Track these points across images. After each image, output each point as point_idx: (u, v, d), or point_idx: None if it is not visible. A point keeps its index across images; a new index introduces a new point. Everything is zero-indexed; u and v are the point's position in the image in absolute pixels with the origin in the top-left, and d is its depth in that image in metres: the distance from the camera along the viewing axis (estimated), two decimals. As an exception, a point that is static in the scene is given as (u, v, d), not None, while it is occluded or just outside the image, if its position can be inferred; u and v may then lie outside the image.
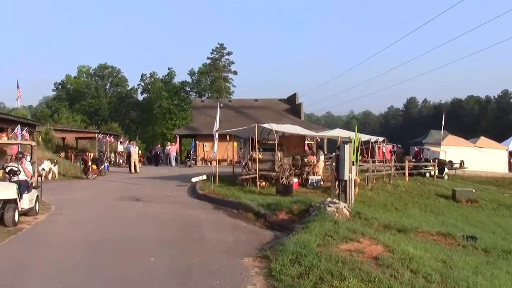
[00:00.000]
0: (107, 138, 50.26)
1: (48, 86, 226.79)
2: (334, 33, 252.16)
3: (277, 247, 10.10)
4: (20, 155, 16.07)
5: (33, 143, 19.89)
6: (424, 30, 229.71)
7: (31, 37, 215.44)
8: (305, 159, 25.60)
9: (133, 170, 36.55)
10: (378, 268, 8.50)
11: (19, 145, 23.35)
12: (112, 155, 50.23)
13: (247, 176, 23.67)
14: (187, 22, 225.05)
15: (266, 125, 24.62)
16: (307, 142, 34.61)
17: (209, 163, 44.01)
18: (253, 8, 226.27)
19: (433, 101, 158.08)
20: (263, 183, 23.29)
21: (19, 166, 15.15)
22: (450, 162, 41.30)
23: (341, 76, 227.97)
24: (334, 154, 22.65)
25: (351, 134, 24.56)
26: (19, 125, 25.53)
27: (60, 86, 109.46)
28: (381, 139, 34.84)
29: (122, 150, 51.25)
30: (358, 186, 22.05)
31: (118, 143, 53.42)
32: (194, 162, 46.47)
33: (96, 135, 47.66)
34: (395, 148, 40.50)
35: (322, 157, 26.80)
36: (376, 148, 34.79)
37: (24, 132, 25.92)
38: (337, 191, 17.97)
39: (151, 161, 52.11)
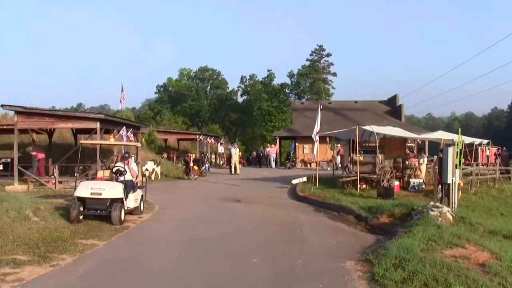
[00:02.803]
0: (208, 139, 51.03)
1: (150, 89, 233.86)
2: (435, 33, 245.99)
3: (379, 251, 10.04)
4: (127, 155, 16.59)
5: (139, 145, 20.61)
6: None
7: (134, 43, 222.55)
8: (407, 162, 25.15)
9: (233, 171, 37.04)
10: (485, 276, 8.30)
11: (125, 146, 24.15)
12: (213, 156, 51.01)
13: (348, 179, 23.54)
14: (287, 24, 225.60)
15: (367, 127, 24.39)
16: (408, 144, 34.01)
17: (308, 165, 44.05)
18: (352, 8, 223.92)
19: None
20: (364, 186, 23.07)
21: (125, 166, 15.70)
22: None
23: (443, 76, 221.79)
24: (436, 156, 22.15)
25: (454, 137, 23.91)
26: (124, 127, 26.29)
27: (162, 89, 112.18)
28: (485, 141, 33.75)
29: (223, 151, 52.04)
30: (462, 190, 21.45)
31: (219, 144, 54.20)
32: (293, 163, 46.63)
33: (197, 136, 48.40)
34: (500, 151, 39.03)
35: (424, 160, 26.27)
36: (479, 151, 33.72)
37: (129, 133, 26.66)
38: (440, 195, 17.57)
39: (251, 162, 52.68)
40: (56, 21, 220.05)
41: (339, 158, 40.74)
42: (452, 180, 16.45)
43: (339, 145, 38.28)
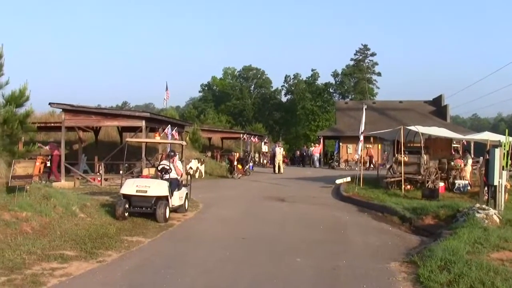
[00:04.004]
0: (252, 138, 51.09)
1: (194, 88, 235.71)
2: (481, 32, 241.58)
3: (424, 253, 9.96)
4: (172, 153, 16.71)
5: (184, 143, 20.71)
6: None
7: (179, 42, 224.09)
8: (452, 163, 24.75)
9: (277, 171, 37.10)
10: (533, 280, 8.16)
11: (170, 144, 24.37)
12: (257, 155, 51.10)
13: (392, 179, 23.31)
14: (330, 24, 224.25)
15: (412, 127, 24.11)
16: (453, 145, 33.54)
17: (351, 166, 43.80)
18: (397, 8, 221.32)
19: None
20: (408, 187, 22.82)
21: (170, 164, 15.83)
22: None
23: (489, 76, 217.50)
24: (481, 158, 21.77)
25: (501, 138, 23.48)
26: (169, 125, 26.56)
27: (206, 88, 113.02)
28: (533, 143, 33.03)
29: (266, 150, 52.08)
30: (508, 192, 21.08)
31: (262, 143, 54.25)
32: (337, 163, 46.45)
33: (241, 135, 48.51)
34: (549, 152, 38.10)
35: (469, 161, 25.85)
36: (527, 153, 33.00)
37: (173, 131, 26.92)
38: (486, 197, 17.30)
39: (294, 161, 52.66)
40: (104, 20, 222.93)
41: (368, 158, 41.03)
42: (499, 182, 16.18)
43: (369, 145, 38.19)
